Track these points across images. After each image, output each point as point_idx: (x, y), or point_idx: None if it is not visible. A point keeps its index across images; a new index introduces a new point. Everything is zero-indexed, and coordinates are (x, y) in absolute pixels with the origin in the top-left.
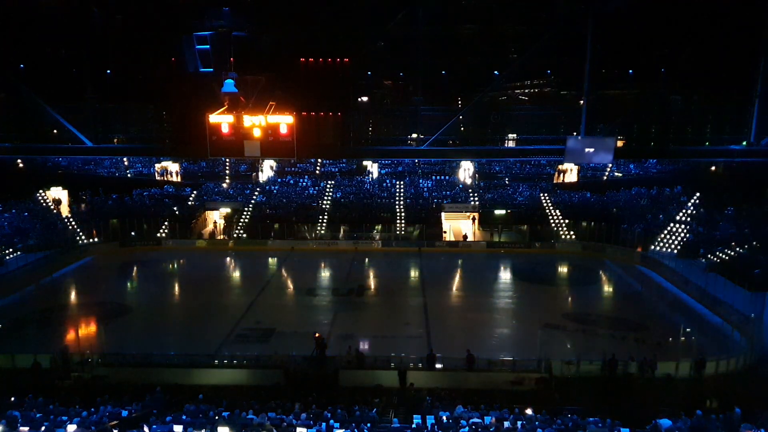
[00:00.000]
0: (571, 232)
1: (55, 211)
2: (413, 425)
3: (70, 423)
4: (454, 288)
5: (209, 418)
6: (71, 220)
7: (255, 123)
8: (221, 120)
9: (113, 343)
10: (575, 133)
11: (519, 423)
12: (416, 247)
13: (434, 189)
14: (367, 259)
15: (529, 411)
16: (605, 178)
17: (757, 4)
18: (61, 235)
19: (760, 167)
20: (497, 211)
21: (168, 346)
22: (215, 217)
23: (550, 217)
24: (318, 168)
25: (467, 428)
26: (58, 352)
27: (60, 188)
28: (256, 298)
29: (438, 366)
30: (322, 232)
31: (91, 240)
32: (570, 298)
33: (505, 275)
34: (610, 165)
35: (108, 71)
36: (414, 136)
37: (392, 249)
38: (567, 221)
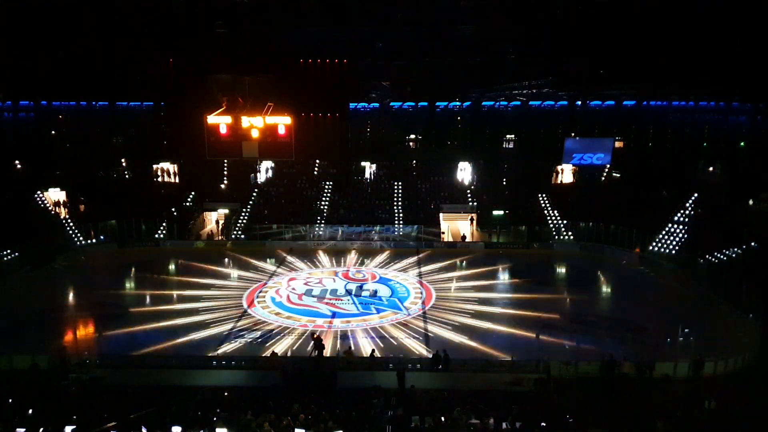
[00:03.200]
0: (570, 233)
1: (53, 212)
2: (412, 425)
3: (68, 425)
4: (452, 289)
5: (208, 419)
6: (69, 220)
7: (253, 124)
8: (219, 121)
9: (111, 344)
10: (573, 134)
11: (517, 424)
12: (414, 248)
13: (432, 190)
14: (365, 260)
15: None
16: (603, 178)
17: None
18: (59, 236)
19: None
20: (495, 212)
21: (166, 347)
22: (213, 218)
23: (548, 218)
24: (316, 169)
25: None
26: (56, 354)
27: (58, 189)
28: (255, 299)
29: (439, 367)
30: (320, 233)
31: (89, 241)
32: (568, 299)
33: (503, 276)
34: (608, 165)
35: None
36: (412, 136)
37: (390, 250)
38: (565, 222)
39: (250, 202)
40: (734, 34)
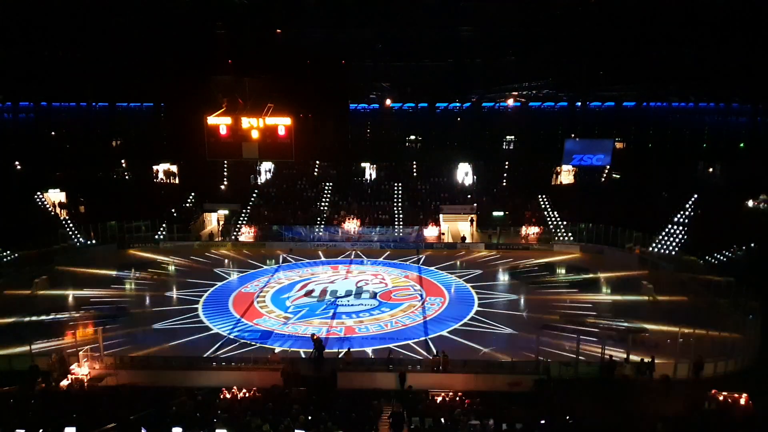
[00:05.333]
0: (569, 234)
1: (53, 213)
2: (412, 426)
3: (68, 426)
4: (453, 290)
5: (207, 420)
6: (69, 222)
7: (253, 125)
8: (219, 122)
9: (111, 345)
10: (573, 135)
11: (517, 425)
12: (414, 249)
13: (432, 191)
14: (365, 261)
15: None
16: (603, 179)
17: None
18: (59, 237)
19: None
20: (495, 213)
21: (166, 347)
22: (213, 219)
23: (549, 219)
24: (316, 170)
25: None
26: (56, 355)
27: (58, 190)
28: (254, 300)
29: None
30: (320, 233)
31: (89, 242)
32: (568, 300)
33: (503, 277)
34: (608, 166)
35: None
36: (412, 137)
37: (391, 251)
38: (565, 223)
39: (250, 203)
40: (734, 35)
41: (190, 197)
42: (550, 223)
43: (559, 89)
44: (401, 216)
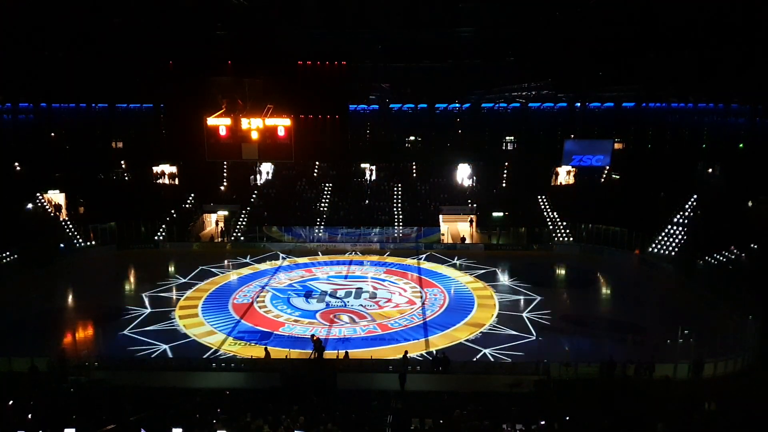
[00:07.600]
0: (569, 234)
1: (53, 214)
2: (411, 427)
3: (68, 426)
4: (452, 291)
5: (207, 421)
6: (69, 223)
7: (253, 126)
8: (219, 123)
9: (111, 346)
10: (572, 136)
11: (517, 426)
12: (414, 249)
13: (432, 191)
14: (365, 261)
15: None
16: (602, 179)
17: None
18: (58, 238)
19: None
20: (495, 213)
21: (165, 349)
22: (213, 220)
23: (548, 219)
24: (315, 171)
25: None
26: (56, 356)
27: (57, 191)
28: (254, 301)
29: (438, 369)
30: (320, 234)
31: (88, 243)
32: (568, 301)
33: (503, 277)
34: (608, 167)
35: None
36: (412, 138)
37: (390, 251)
38: (565, 223)
39: (250, 204)
40: (733, 36)
41: (190, 198)
42: (549, 223)
43: (558, 90)
44: (401, 217)
